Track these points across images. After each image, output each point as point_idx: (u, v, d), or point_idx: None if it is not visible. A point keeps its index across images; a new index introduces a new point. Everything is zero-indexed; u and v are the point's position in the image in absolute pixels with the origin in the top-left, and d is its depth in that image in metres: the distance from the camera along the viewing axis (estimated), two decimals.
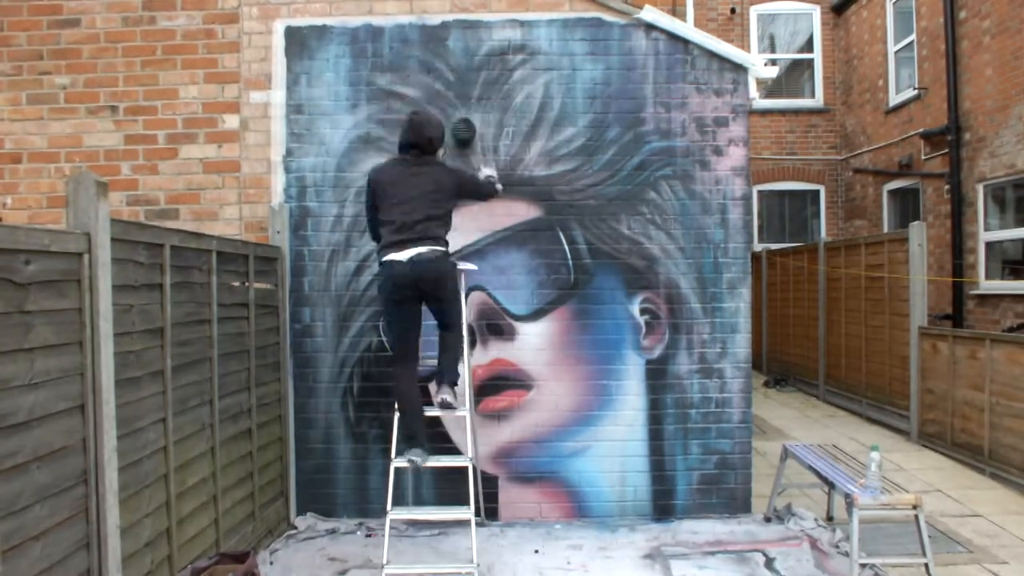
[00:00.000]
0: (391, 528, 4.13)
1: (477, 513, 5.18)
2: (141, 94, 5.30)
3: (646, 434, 5.26)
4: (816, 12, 12.95)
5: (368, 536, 4.90)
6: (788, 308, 11.55)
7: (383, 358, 5.20)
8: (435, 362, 4.44)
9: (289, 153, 5.26)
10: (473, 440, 4.50)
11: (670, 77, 5.25)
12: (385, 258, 4.12)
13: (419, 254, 4.05)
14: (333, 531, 5.04)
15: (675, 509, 5.26)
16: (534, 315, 5.24)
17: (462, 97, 5.23)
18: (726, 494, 5.27)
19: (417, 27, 5.25)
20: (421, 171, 4.23)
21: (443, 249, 4.17)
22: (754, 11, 12.89)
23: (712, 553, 4.64)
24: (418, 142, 4.26)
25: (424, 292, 4.14)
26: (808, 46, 13.13)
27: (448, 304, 4.29)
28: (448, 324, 4.38)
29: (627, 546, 4.80)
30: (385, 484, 4.35)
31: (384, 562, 3.96)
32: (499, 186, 4.87)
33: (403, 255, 4.06)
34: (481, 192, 4.73)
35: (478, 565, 4.05)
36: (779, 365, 11.90)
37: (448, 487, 5.12)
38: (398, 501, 5.23)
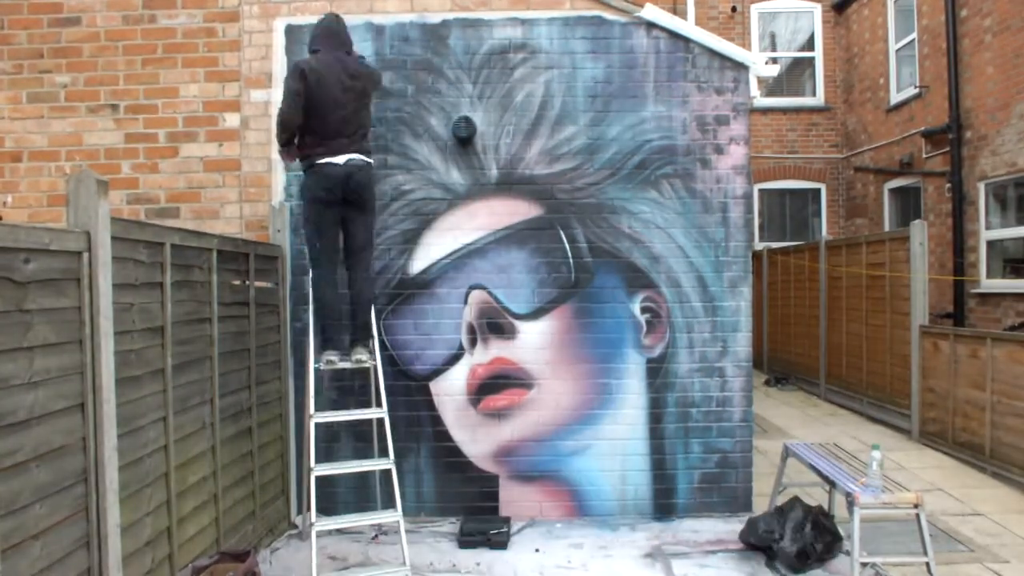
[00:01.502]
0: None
1: (481, 512, 5.18)
2: (142, 92, 5.30)
3: (647, 433, 5.26)
4: (817, 10, 12.93)
5: (373, 538, 4.87)
6: (789, 307, 11.54)
7: (384, 356, 5.19)
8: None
9: None
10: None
11: (671, 75, 5.25)
12: (320, 160, 4.29)
13: (352, 160, 4.30)
14: (334, 530, 5.03)
15: (676, 508, 5.26)
16: (535, 314, 5.24)
17: (463, 95, 5.23)
18: (727, 493, 5.26)
19: (418, 25, 5.24)
20: (359, 75, 4.42)
21: (371, 160, 4.49)
22: (755, 9, 12.87)
23: (713, 552, 4.64)
24: (345, 33, 4.51)
25: (350, 196, 4.36)
26: (809, 44, 13.11)
27: (371, 214, 4.57)
28: (364, 244, 4.52)
29: (628, 545, 4.80)
30: (305, 441, 4.35)
31: None
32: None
33: (339, 159, 4.27)
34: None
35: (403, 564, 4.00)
36: (780, 364, 11.89)
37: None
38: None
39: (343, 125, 4.29)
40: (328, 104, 4.25)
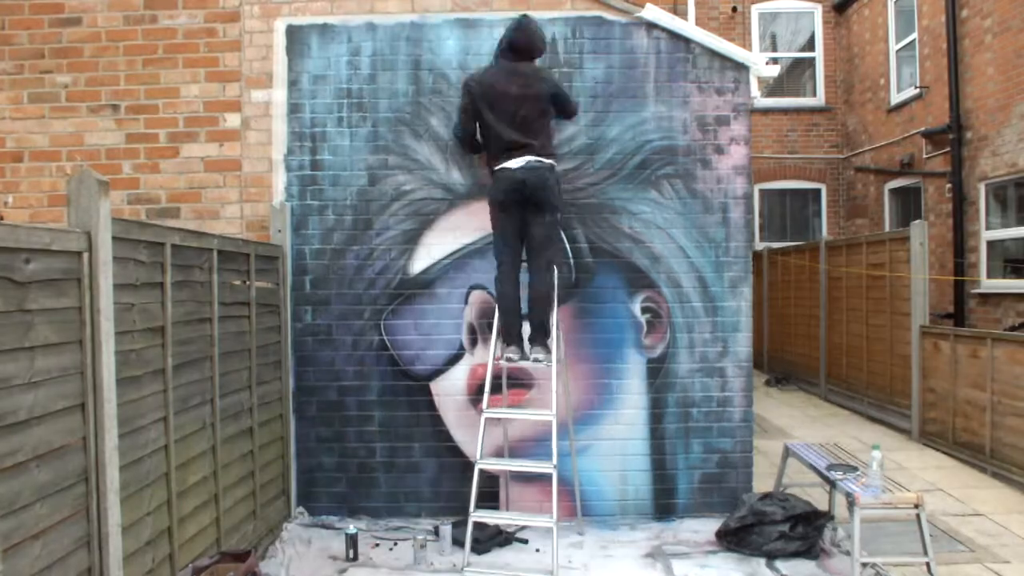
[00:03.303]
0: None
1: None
2: (142, 93, 5.30)
3: (647, 433, 5.26)
4: (818, 11, 12.93)
5: (376, 546, 4.81)
6: (789, 307, 11.54)
7: (384, 357, 5.20)
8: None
9: (290, 152, 5.26)
10: (564, 393, 4.76)
11: (671, 76, 5.25)
12: (497, 167, 4.55)
13: (528, 163, 4.46)
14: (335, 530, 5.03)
15: (676, 508, 5.26)
16: None
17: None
18: (727, 493, 5.26)
19: (419, 26, 5.24)
20: (530, 81, 4.53)
21: (550, 162, 4.56)
22: (755, 10, 12.87)
23: (714, 552, 4.64)
24: (529, 46, 4.61)
25: (527, 197, 4.49)
26: (810, 45, 13.11)
27: (548, 214, 4.58)
28: (541, 244, 4.60)
29: (628, 545, 4.80)
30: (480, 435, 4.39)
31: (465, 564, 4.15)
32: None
33: (513, 163, 4.47)
34: (568, 107, 4.83)
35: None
36: (780, 364, 11.89)
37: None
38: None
39: (515, 131, 4.47)
40: (496, 113, 4.47)
